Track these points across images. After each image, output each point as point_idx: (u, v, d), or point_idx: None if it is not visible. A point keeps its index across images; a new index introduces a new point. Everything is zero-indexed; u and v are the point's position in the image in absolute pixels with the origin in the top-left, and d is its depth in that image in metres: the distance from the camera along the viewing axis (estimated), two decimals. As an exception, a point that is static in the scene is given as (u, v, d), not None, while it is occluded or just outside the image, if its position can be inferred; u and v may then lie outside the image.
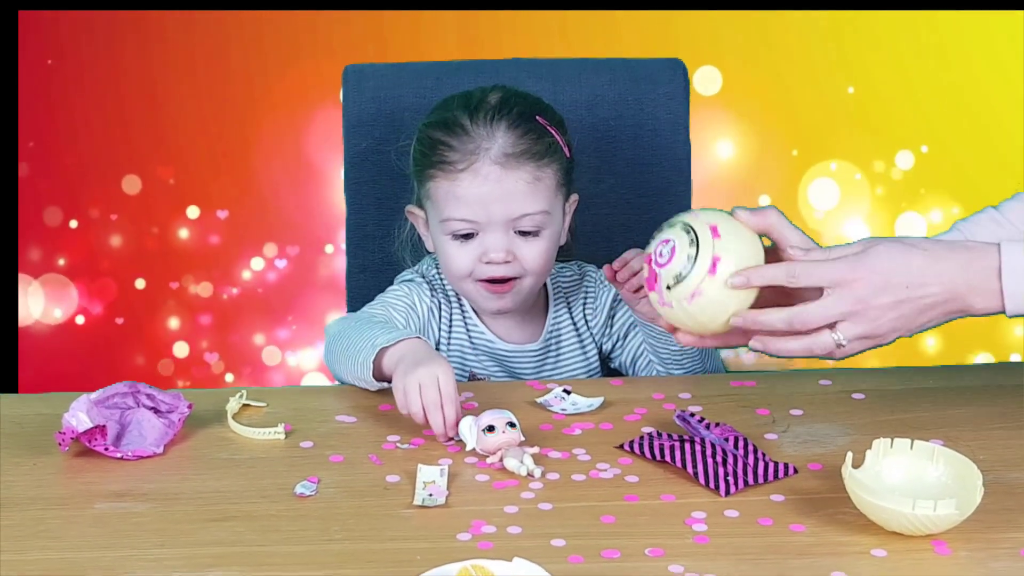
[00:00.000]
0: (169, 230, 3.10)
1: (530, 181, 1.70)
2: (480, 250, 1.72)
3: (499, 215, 1.70)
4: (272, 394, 1.64)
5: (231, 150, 3.07)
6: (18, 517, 1.37)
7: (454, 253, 1.73)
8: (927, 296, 1.38)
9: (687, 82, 2.03)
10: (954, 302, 1.39)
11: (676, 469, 1.44)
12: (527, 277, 1.74)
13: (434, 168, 1.72)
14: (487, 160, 1.70)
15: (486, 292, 1.75)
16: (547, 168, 1.72)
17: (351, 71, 2.03)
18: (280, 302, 3.13)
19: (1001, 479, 1.39)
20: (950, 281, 1.38)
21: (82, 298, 3.11)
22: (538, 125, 1.73)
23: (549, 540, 1.31)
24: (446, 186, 1.71)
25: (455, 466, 1.45)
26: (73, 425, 1.47)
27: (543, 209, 1.72)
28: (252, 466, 1.47)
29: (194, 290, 3.12)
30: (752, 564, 1.27)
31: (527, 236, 1.72)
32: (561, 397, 1.61)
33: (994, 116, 3.01)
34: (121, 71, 3.04)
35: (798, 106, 3.05)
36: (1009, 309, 1.38)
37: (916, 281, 1.38)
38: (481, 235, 1.72)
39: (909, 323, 1.39)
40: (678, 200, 2.02)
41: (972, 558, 1.27)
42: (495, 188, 1.69)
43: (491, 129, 1.71)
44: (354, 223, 2.03)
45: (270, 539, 1.33)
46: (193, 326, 3.13)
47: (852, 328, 1.39)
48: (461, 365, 1.84)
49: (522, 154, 1.70)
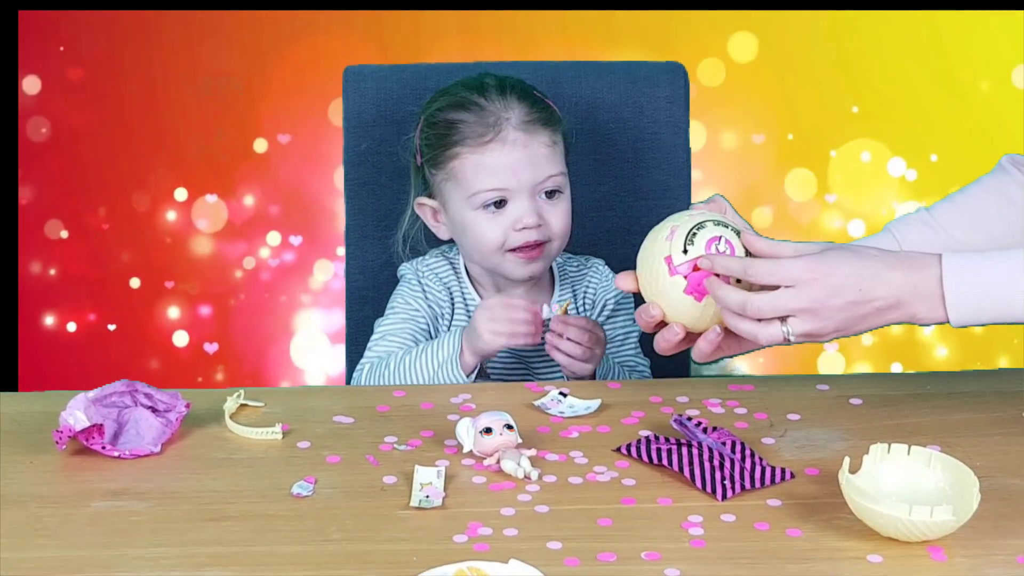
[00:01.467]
0: (169, 230, 3.10)
1: (549, 144, 1.80)
2: (511, 219, 1.79)
3: (527, 179, 1.78)
4: (270, 394, 1.64)
5: (230, 151, 3.07)
6: (15, 515, 1.37)
7: (485, 227, 1.80)
8: (876, 300, 1.41)
9: (687, 85, 2.04)
10: (899, 308, 1.42)
11: (673, 473, 1.44)
12: (554, 241, 1.82)
13: (458, 146, 1.79)
14: (510, 128, 1.78)
15: (520, 259, 1.81)
16: (558, 134, 1.83)
17: (351, 72, 2.03)
18: (279, 302, 3.13)
19: (998, 485, 1.39)
20: (899, 288, 1.41)
21: (81, 298, 3.11)
22: (539, 97, 1.83)
23: (545, 543, 1.31)
24: (474, 159, 1.78)
25: (452, 468, 1.45)
26: (70, 424, 1.47)
27: (562, 170, 1.82)
28: (249, 466, 1.47)
29: (191, 290, 3.12)
30: (748, 569, 1.27)
31: (551, 199, 1.80)
32: (558, 399, 1.61)
33: (994, 116, 3.01)
34: (121, 71, 3.04)
35: (799, 106, 3.05)
36: (953, 320, 1.41)
37: (867, 286, 1.41)
38: (510, 204, 1.79)
39: (854, 325, 1.42)
40: (677, 203, 2.01)
41: (968, 564, 1.28)
42: (523, 154, 1.78)
43: (506, 101, 1.80)
44: (353, 224, 2.04)
45: (267, 539, 1.33)
46: (192, 325, 3.13)
47: (801, 325, 1.41)
48: None
49: (537, 120, 1.80)
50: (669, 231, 1.48)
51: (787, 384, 1.68)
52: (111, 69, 3.04)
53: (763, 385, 1.66)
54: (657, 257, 1.47)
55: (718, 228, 1.47)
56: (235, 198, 3.09)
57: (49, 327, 3.12)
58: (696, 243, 1.46)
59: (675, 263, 1.46)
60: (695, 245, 1.46)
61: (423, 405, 1.61)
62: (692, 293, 1.46)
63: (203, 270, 3.12)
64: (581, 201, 1.99)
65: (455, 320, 1.87)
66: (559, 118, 1.83)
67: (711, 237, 1.46)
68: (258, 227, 3.10)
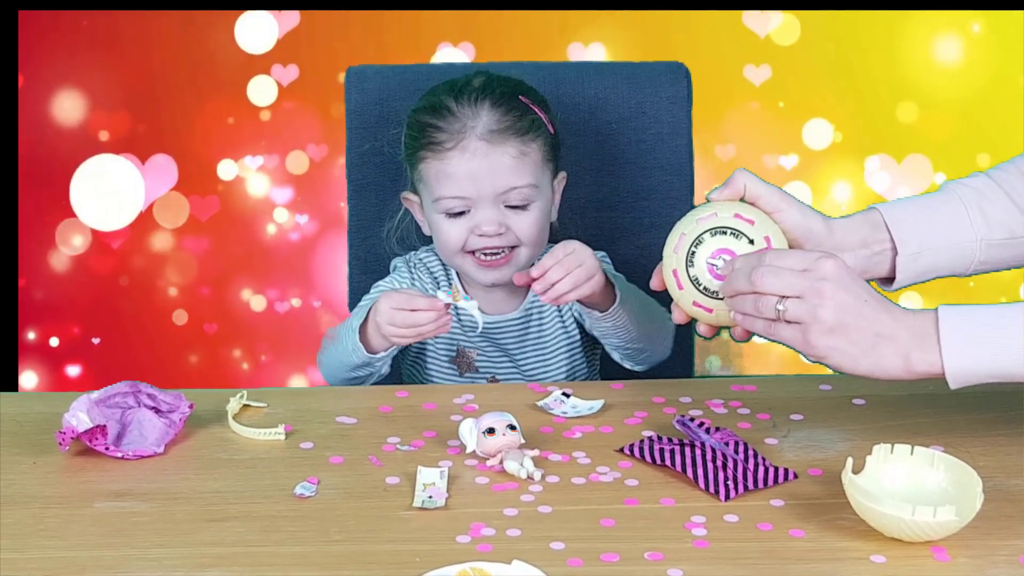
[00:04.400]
0: (170, 228, 3.09)
1: (516, 156, 1.77)
2: (472, 223, 1.78)
3: (488, 189, 1.77)
4: (272, 395, 1.64)
5: (231, 150, 3.07)
6: (18, 516, 1.37)
7: (447, 229, 1.80)
8: (875, 320, 1.36)
9: (689, 85, 2.03)
10: (896, 343, 1.36)
11: (676, 473, 1.44)
12: (523, 247, 1.81)
13: (424, 150, 1.79)
14: (473, 137, 1.77)
15: (480, 265, 1.81)
16: (532, 143, 1.79)
17: (353, 73, 2.03)
18: (282, 293, 3.13)
19: (1001, 486, 1.39)
20: (901, 322, 1.36)
21: (84, 293, 3.11)
22: (521, 103, 1.80)
23: (548, 543, 1.31)
24: (436, 166, 1.78)
25: (455, 468, 1.46)
26: (73, 425, 1.47)
27: (530, 183, 1.79)
28: (252, 466, 1.47)
29: (195, 290, 3.12)
30: (751, 569, 1.27)
31: (517, 210, 1.79)
32: (561, 400, 1.61)
33: (994, 116, 3.01)
34: (120, 70, 3.04)
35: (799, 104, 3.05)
36: (948, 365, 1.35)
37: (873, 303, 1.36)
38: (473, 211, 1.78)
39: (849, 339, 1.36)
40: (680, 204, 2.02)
41: (971, 564, 1.27)
42: (483, 163, 1.76)
43: (476, 108, 1.78)
44: (356, 223, 2.04)
45: (270, 539, 1.33)
46: (194, 326, 3.13)
47: (798, 306, 1.36)
48: (449, 339, 1.89)
49: (506, 130, 1.78)
50: (678, 239, 1.48)
51: (790, 384, 1.68)
52: (110, 67, 3.03)
53: (766, 385, 1.66)
54: (667, 269, 1.49)
55: (716, 239, 1.46)
56: (237, 193, 3.09)
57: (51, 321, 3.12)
58: (696, 263, 1.47)
59: (680, 279, 1.47)
60: (695, 265, 1.47)
61: (426, 405, 1.61)
62: (699, 308, 1.48)
63: (204, 270, 3.12)
64: (583, 201, 2.00)
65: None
66: (538, 126, 1.80)
67: (712, 252, 1.46)
68: (261, 228, 3.10)
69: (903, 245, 1.52)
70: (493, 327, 1.88)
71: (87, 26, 3.01)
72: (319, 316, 3.12)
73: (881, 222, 1.53)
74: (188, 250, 3.10)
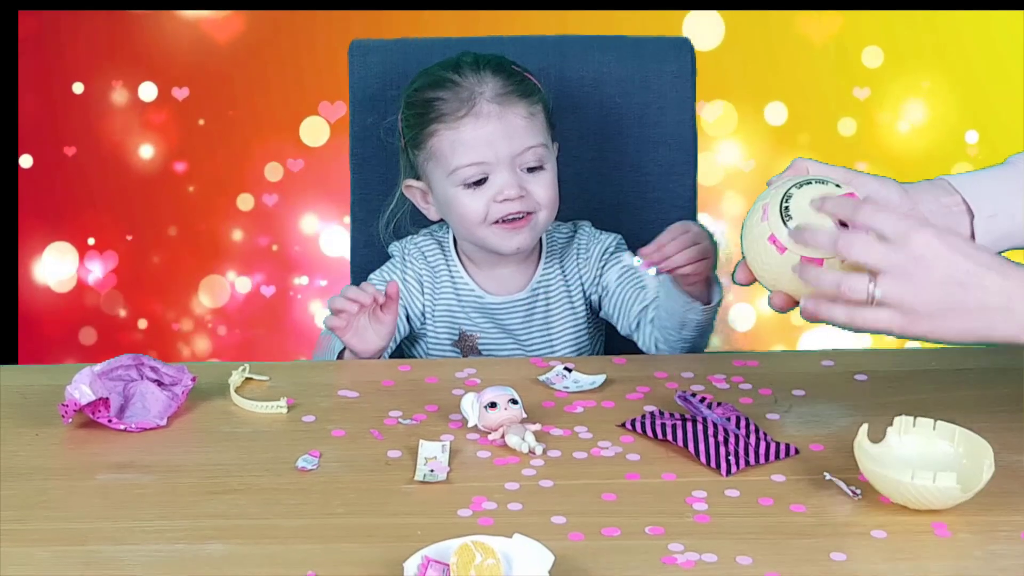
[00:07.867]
0: (173, 211, 3.09)
1: (526, 116, 1.79)
2: (492, 191, 1.78)
3: (505, 152, 1.77)
4: (275, 368, 1.64)
5: (236, 129, 3.06)
6: (20, 487, 1.37)
7: (466, 201, 1.79)
8: (984, 290, 1.25)
9: (693, 60, 2.03)
10: (1009, 314, 1.26)
11: (677, 448, 1.44)
12: (541, 211, 1.81)
13: (434, 123, 1.79)
14: (484, 101, 1.78)
15: (503, 231, 1.80)
16: (536, 106, 1.81)
17: (357, 46, 2.03)
18: (285, 276, 3.13)
19: (1004, 462, 1.39)
20: (1014, 288, 1.26)
21: (84, 268, 3.11)
22: (516, 71, 1.82)
23: (550, 517, 1.31)
24: (450, 136, 1.78)
25: (457, 442, 1.46)
26: (76, 397, 1.47)
27: (542, 142, 1.80)
28: (254, 439, 1.47)
29: (199, 270, 3.12)
30: (752, 544, 1.27)
31: (533, 172, 1.80)
32: (563, 375, 1.61)
33: (994, 116, 3.00)
34: (121, 61, 3.03)
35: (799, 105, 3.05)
36: None
37: (979, 271, 1.26)
38: (491, 178, 1.78)
39: (949, 312, 1.27)
40: (683, 179, 2.02)
41: (972, 540, 1.28)
42: (497, 126, 1.77)
43: (480, 76, 1.80)
44: (359, 198, 2.03)
45: (271, 512, 1.33)
46: (198, 302, 3.14)
47: (891, 286, 1.27)
48: (450, 322, 1.88)
49: (513, 92, 1.80)
50: (761, 212, 1.38)
51: (792, 359, 1.69)
52: (112, 58, 3.03)
53: (768, 361, 1.66)
54: (760, 242, 1.37)
55: (802, 190, 1.36)
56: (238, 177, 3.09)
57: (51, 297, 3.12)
58: (795, 214, 1.36)
59: (780, 239, 1.36)
60: (793, 217, 1.36)
61: (428, 379, 1.61)
62: (810, 262, 1.35)
63: (207, 249, 3.11)
64: (586, 176, 1.99)
65: (439, 295, 1.87)
66: (538, 90, 1.82)
67: (807, 200, 1.35)
68: (264, 204, 3.10)
69: (979, 208, 1.44)
70: (498, 308, 1.87)
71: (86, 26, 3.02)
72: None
73: (950, 188, 1.46)
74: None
